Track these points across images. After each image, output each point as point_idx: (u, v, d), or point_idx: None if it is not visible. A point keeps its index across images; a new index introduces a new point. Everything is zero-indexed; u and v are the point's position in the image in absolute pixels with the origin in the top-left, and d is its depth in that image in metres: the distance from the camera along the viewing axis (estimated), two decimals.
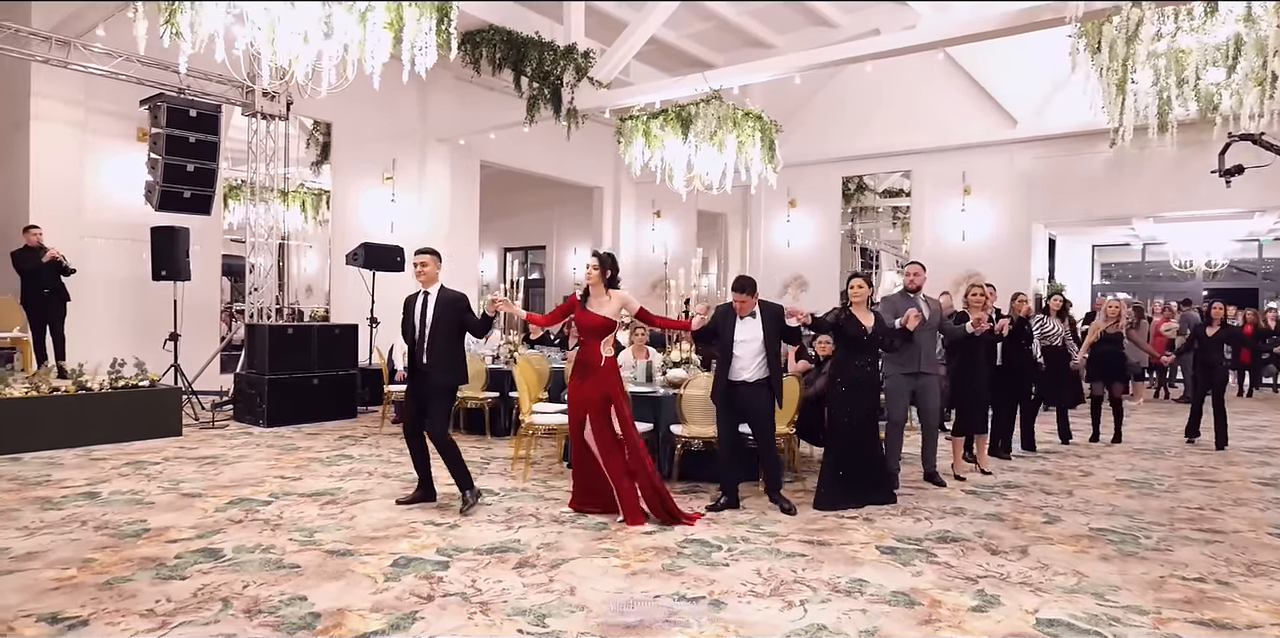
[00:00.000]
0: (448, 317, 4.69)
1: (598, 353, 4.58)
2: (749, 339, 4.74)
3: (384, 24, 5.03)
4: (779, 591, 3.41)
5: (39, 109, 8.30)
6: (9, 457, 5.94)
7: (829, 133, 13.53)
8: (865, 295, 5.06)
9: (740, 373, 4.73)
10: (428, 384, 4.66)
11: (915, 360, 5.41)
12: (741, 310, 4.79)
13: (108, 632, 2.83)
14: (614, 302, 4.61)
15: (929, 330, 5.48)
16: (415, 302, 4.77)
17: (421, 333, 4.68)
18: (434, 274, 4.75)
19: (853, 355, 4.99)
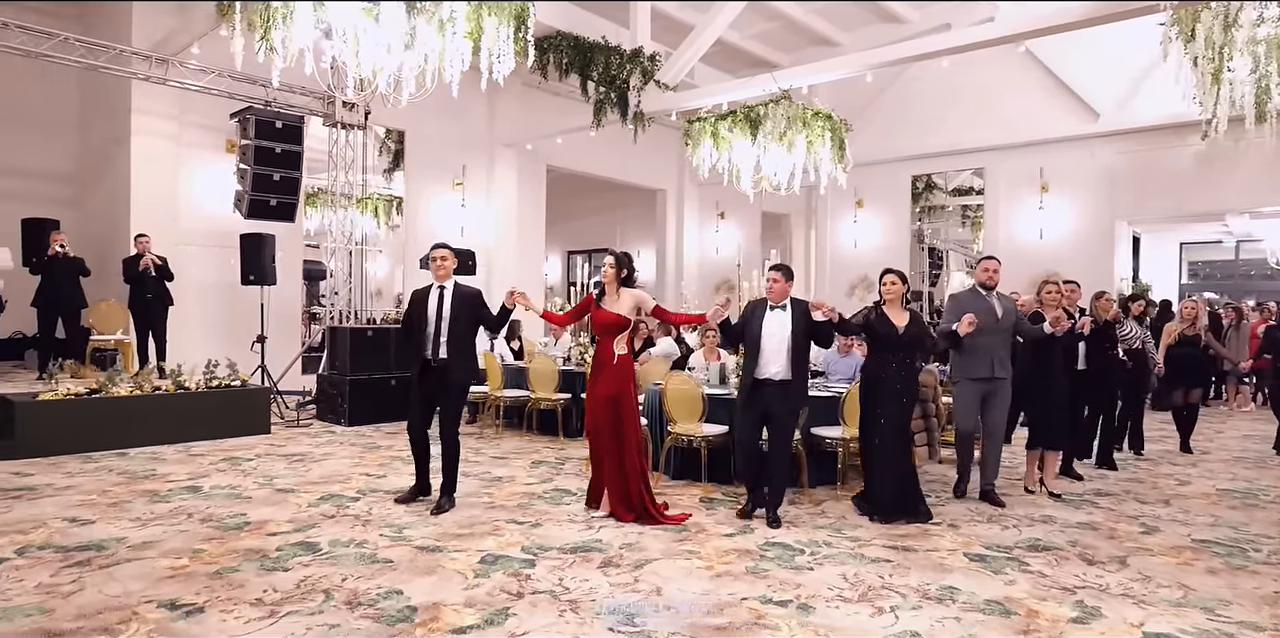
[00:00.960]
0: (465, 312, 4.69)
1: (610, 351, 4.58)
2: (776, 332, 4.50)
3: (464, 33, 5.15)
4: (867, 596, 3.36)
5: (139, 124, 8.80)
6: (116, 452, 6.30)
7: (898, 131, 13.27)
8: (899, 292, 4.69)
9: (766, 369, 4.49)
10: (444, 381, 4.65)
11: (986, 365, 5.01)
12: (774, 296, 4.56)
13: (222, 619, 2.98)
14: (628, 300, 4.60)
15: (1002, 332, 5.11)
16: (429, 296, 4.73)
17: (438, 328, 4.65)
18: (451, 269, 4.77)
19: (884, 357, 4.66)
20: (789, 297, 4.58)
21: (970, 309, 4.90)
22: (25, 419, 6.01)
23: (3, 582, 3.32)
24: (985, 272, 5.19)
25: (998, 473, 5.25)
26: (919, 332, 4.69)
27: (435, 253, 4.78)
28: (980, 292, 5.17)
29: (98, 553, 3.74)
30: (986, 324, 4.94)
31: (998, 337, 5.07)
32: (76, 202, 10.48)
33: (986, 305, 5.06)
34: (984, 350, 5.01)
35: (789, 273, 4.61)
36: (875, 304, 4.77)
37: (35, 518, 4.33)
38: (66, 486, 5.13)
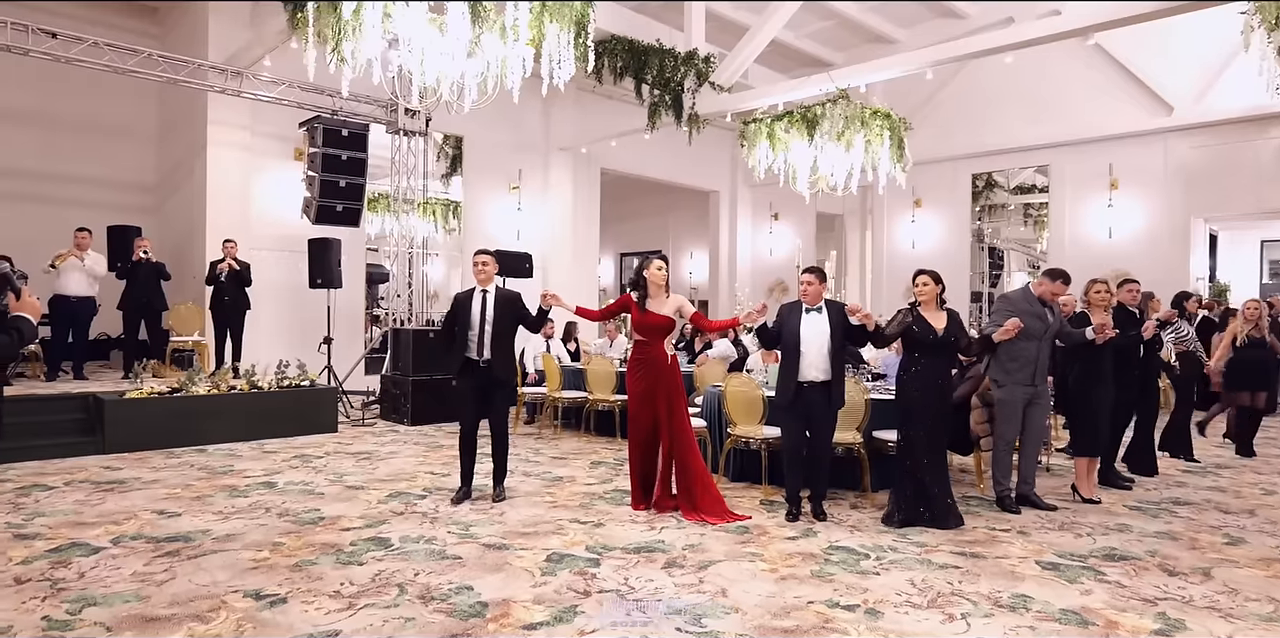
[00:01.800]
0: (507, 314, 4.92)
1: (663, 352, 4.71)
2: (816, 334, 4.54)
3: (526, 41, 5.25)
4: (937, 602, 3.31)
5: (214, 135, 9.19)
6: (195, 448, 6.60)
7: (958, 128, 12.98)
8: (933, 293, 4.60)
9: (809, 371, 4.52)
10: (492, 379, 4.90)
11: (1029, 370, 4.88)
12: (809, 299, 4.60)
13: (304, 610, 3.10)
14: (672, 303, 4.73)
15: (1048, 339, 4.98)
16: (471, 300, 4.94)
17: (483, 330, 4.87)
18: (492, 274, 4.98)
19: (922, 360, 4.56)
20: (824, 299, 4.63)
21: (1021, 312, 4.78)
22: (113, 416, 6.34)
23: (101, 570, 3.52)
24: (1055, 296, 5.00)
25: (1034, 478, 5.10)
26: (958, 333, 4.61)
27: (477, 258, 4.99)
28: (1032, 295, 5.01)
29: (186, 544, 3.93)
30: (1035, 330, 4.82)
31: (1045, 344, 4.96)
32: (156, 209, 11.00)
33: (1038, 312, 4.91)
34: (1029, 357, 4.88)
35: (822, 275, 4.68)
36: (911, 306, 4.70)
37: (127, 510, 4.57)
38: (153, 479, 5.40)
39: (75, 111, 10.12)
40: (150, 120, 11.03)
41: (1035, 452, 5.10)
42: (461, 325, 4.94)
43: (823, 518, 4.59)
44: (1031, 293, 5.03)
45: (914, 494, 4.52)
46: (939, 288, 4.64)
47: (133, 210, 10.48)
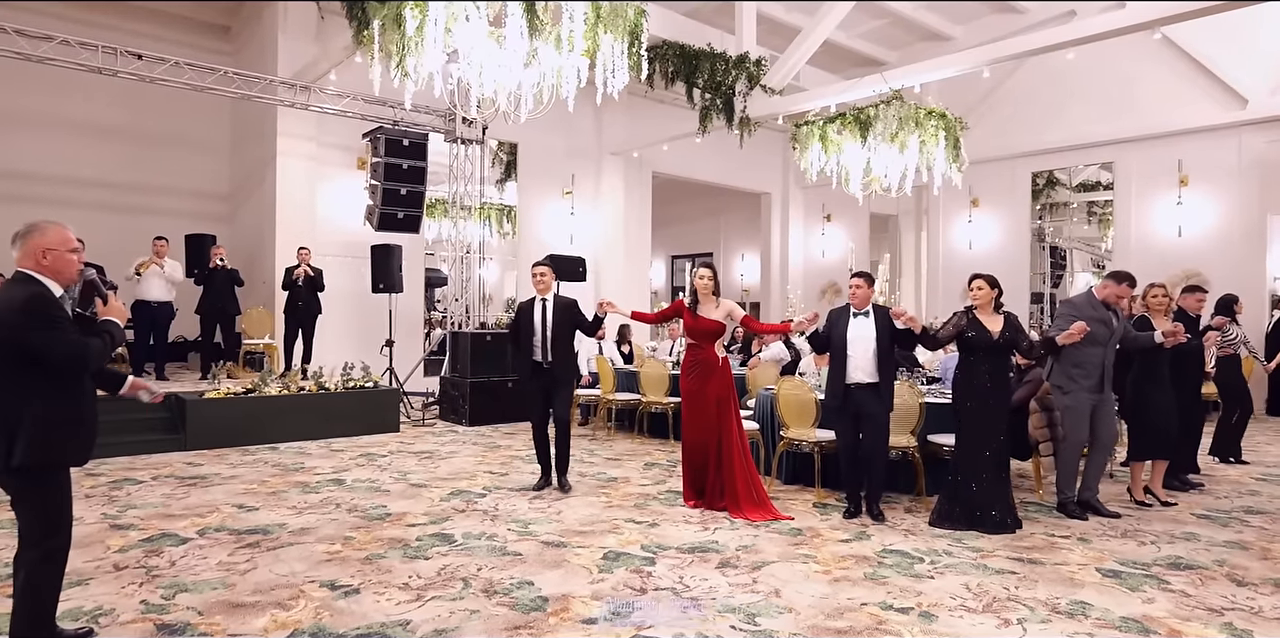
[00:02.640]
0: (565, 320, 5.31)
1: (715, 354, 4.93)
2: (863, 337, 4.66)
3: (581, 52, 5.38)
4: (992, 607, 3.31)
5: (283, 146, 9.60)
6: (268, 446, 6.92)
7: (1016, 126, 12.70)
8: (988, 297, 4.58)
9: (855, 374, 4.65)
10: (554, 379, 5.31)
11: (1096, 376, 4.82)
12: (857, 302, 4.73)
13: (376, 599, 3.27)
14: (723, 308, 4.95)
15: (1113, 344, 4.91)
16: (533, 308, 5.37)
17: (544, 335, 5.29)
18: (550, 284, 5.39)
19: (978, 364, 4.54)
20: (871, 302, 4.74)
21: (1085, 318, 4.70)
22: (194, 415, 6.70)
23: (190, 559, 3.77)
24: (1120, 298, 4.95)
25: (1098, 485, 5.02)
26: (1015, 336, 4.56)
27: (535, 270, 5.40)
28: (1096, 299, 4.94)
29: (264, 536, 4.16)
30: (1100, 336, 4.74)
31: (1109, 349, 4.89)
32: (229, 217, 11.54)
33: (1103, 316, 4.83)
34: (1095, 362, 4.82)
35: (871, 279, 4.79)
36: (967, 309, 4.69)
37: (209, 503, 4.85)
38: (231, 475, 5.71)
39: (155, 127, 10.70)
40: (224, 133, 11.58)
41: (1104, 459, 5.02)
42: (525, 332, 5.36)
43: (880, 519, 4.65)
44: (1095, 297, 4.96)
45: (964, 499, 4.51)
46: (995, 292, 4.62)
47: (208, 219, 11.02)
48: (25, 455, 2.45)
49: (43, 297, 2.51)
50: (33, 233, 2.59)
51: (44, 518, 2.56)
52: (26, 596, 2.53)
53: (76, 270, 2.69)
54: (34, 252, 2.57)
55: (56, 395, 2.53)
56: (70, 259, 2.63)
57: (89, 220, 9.53)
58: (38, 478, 2.52)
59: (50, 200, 10.00)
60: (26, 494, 2.54)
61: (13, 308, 2.45)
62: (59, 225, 2.64)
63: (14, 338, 2.44)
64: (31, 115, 9.92)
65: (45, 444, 2.48)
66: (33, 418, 2.46)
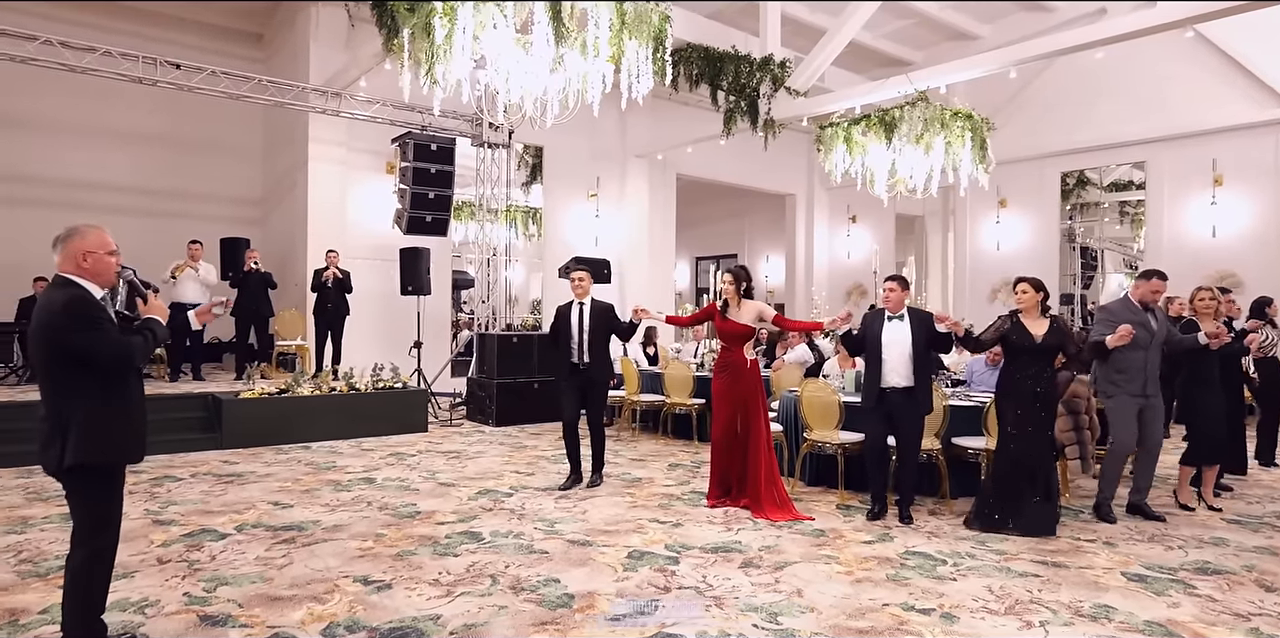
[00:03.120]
0: (601, 324, 5.48)
1: (743, 357, 5.01)
2: (898, 341, 4.69)
3: (607, 58, 5.46)
4: (1014, 610, 3.32)
5: (314, 152, 9.81)
6: (301, 445, 7.09)
7: (1045, 125, 12.56)
8: (1033, 301, 4.56)
9: (890, 377, 4.69)
10: (590, 380, 5.48)
11: (1140, 380, 4.76)
12: (891, 306, 4.76)
13: (408, 594, 3.37)
14: (751, 310, 5.01)
15: (1155, 347, 4.84)
16: (570, 311, 5.55)
17: (580, 338, 5.46)
18: (588, 288, 5.55)
19: (1021, 368, 4.53)
20: (906, 306, 4.76)
21: (1124, 322, 4.67)
22: (230, 414, 6.89)
23: (229, 554, 3.90)
24: (1155, 293, 4.89)
25: (1148, 489, 4.98)
26: (1060, 340, 4.54)
27: (574, 275, 5.57)
28: (1135, 304, 4.90)
29: (299, 533, 4.29)
30: (1141, 339, 4.71)
31: (1153, 352, 4.83)
32: (262, 221, 11.80)
33: (1142, 319, 4.80)
34: (1137, 366, 4.77)
35: (905, 283, 4.80)
36: (1011, 313, 4.69)
37: (246, 500, 5.00)
38: (266, 473, 5.87)
39: (191, 133, 10.99)
40: (256, 139, 11.85)
41: (1153, 463, 4.95)
42: (563, 334, 5.54)
43: (909, 522, 4.67)
44: (1131, 301, 4.93)
45: (1003, 500, 4.51)
46: (1040, 296, 4.62)
47: (241, 222, 11.29)
48: (76, 455, 2.53)
49: (83, 299, 2.57)
50: (73, 237, 2.64)
51: (94, 516, 2.64)
52: (77, 590, 2.63)
53: (115, 272, 2.75)
54: (74, 255, 2.62)
55: (104, 395, 2.60)
56: (109, 261, 2.69)
57: (126, 225, 9.82)
58: (89, 477, 2.60)
59: (90, 206, 10.31)
60: (78, 492, 2.62)
61: (54, 310, 2.52)
62: (98, 229, 2.70)
63: (59, 340, 2.52)
64: (74, 124, 10.24)
65: (95, 444, 2.56)
66: (82, 418, 2.54)
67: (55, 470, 2.58)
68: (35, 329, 2.58)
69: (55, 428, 2.56)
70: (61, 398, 2.57)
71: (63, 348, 2.53)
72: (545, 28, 5.28)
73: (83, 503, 2.64)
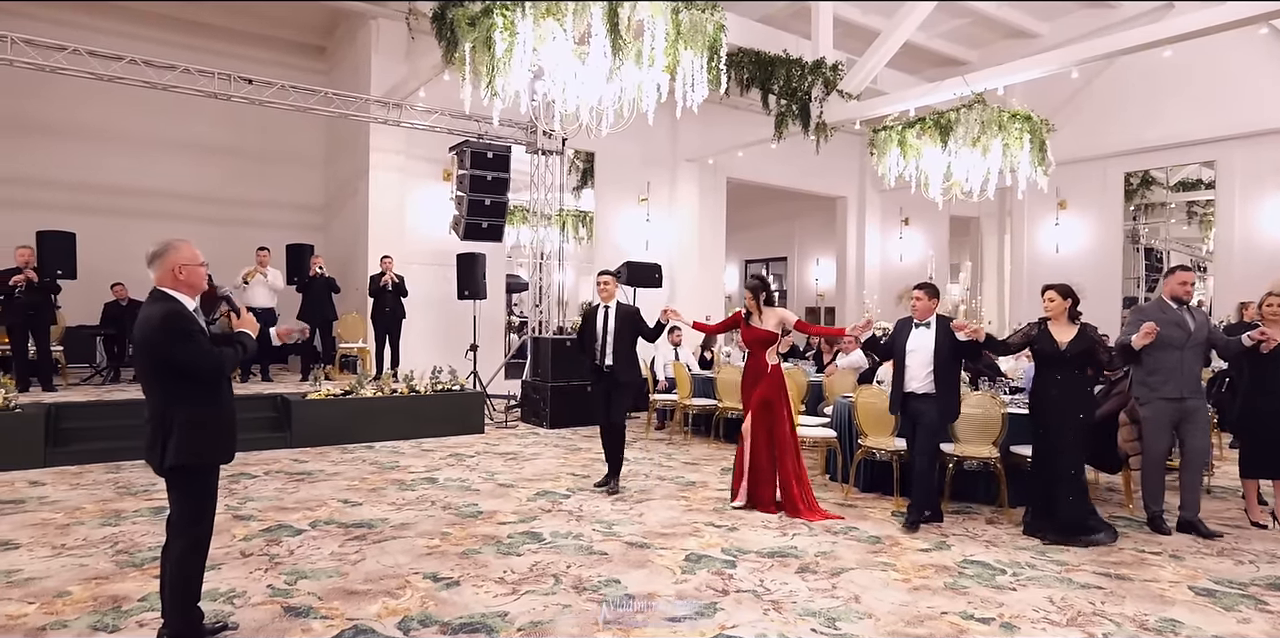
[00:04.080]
0: (627, 327, 5.56)
1: (765, 362, 5.16)
2: (919, 349, 4.78)
3: (662, 68, 5.55)
4: (1077, 621, 3.30)
5: (375, 160, 10.14)
6: (364, 445, 7.35)
7: (1107, 124, 12.23)
8: (1060, 308, 4.57)
9: (911, 383, 4.81)
10: (615, 382, 5.54)
11: (1174, 383, 4.60)
12: (919, 314, 4.84)
13: (475, 592, 3.51)
14: (773, 317, 5.20)
15: (1194, 348, 4.66)
16: (596, 315, 5.66)
17: (604, 341, 5.55)
18: (614, 292, 5.65)
19: (1047, 374, 4.57)
20: (934, 314, 4.83)
21: (1154, 320, 4.58)
22: (298, 415, 7.18)
23: (306, 549, 4.11)
24: (1183, 285, 4.72)
25: (1199, 504, 4.74)
26: (1085, 348, 4.50)
27: (600, 279, 5.72)
28: (1168, 303, 4.75)
29: (369, 530, 4.48)
30: (1174, 339, 4.59)
31: (1190, 353, 4.64)
32: (323, 227, 12.23)
33: (1175, 318, 4.65)
34: (1171, 367, 4.63)
35: (934, 291, 4.88)
36: (1041, 320, 4.71)
37: (317, 498, 5.23)
38: (334, 472, 6.11)
39: (256, 144, 11.46)
40: (318, 148, 12.29)
41: (1197, 476, 4.78)
42: (589, 337, 5.66)
43: (914, 528, 4.69)
44: (1165, 300, 4.79)
45: (1045, 508, 4.52)
46: (1068, 303, 4.59)
47: (303, 229, 11.71)
48: (176, 456, 2.75)
49: (178, 313, 2.77)
50: (168, 252, 2.83)
51: (192, 509, 2.86)
52: (176, 578, 2.84)
53: (206, 282, 2.97)
54: (170, 268, 2.81)
55: (200, 400, 2.81)
56: (201, 272, 2.91)
57: (197, 232, 10.26)
58: (188, 475, 2.82)
59: (164, 214, 10.85)
60: (179, 489, 2.84)
61: (153, 325, 2.73)
62: (186, 242, 2.89)
63: (158, 354, 2.74)
64: (147, 136, 10.79)
65: (192, 446, 2.78)
66: (182, 421, 2.76)
67: (158, 469, 2.80)
68: (137, 342, 2.80)
69: (157, 431, 2.79)
70: (163, 404, 2.78)
71: (162, 360, 2.74)
72: (603, 40, 5.39)
73: (182, 498, 2.85)
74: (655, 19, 5.35)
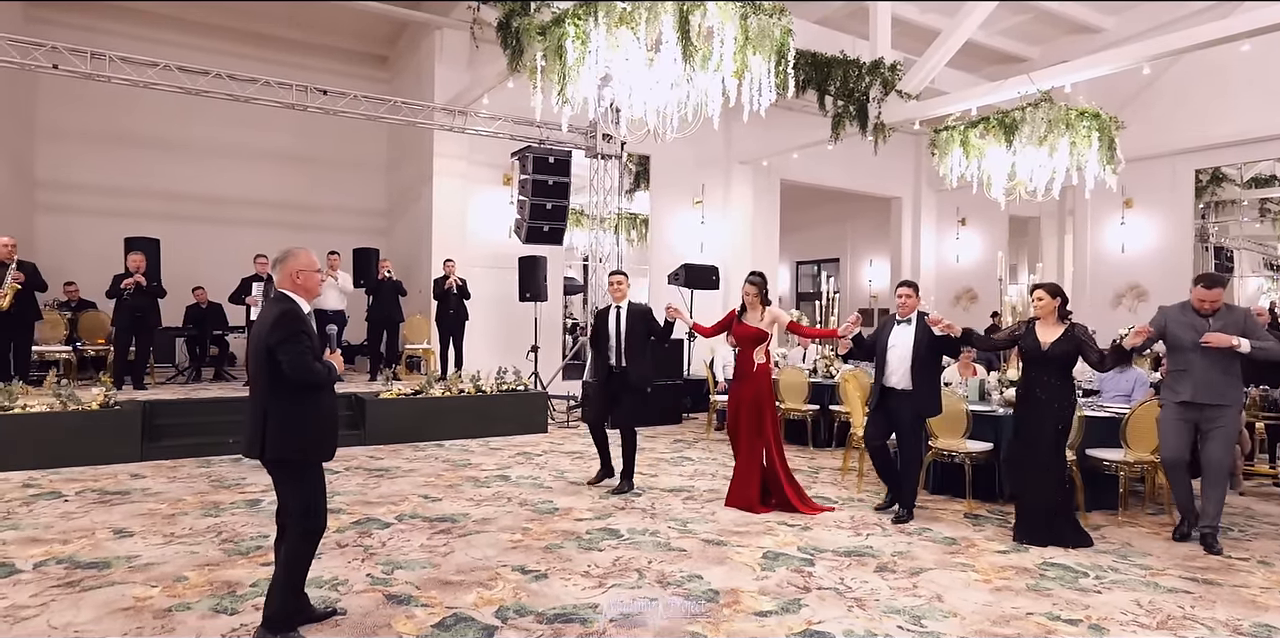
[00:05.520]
0: (638, 326, 5.57)
1: (751, 360, 5.24)
2: (900, 345, 4.89)
3: (731, 73, 5.63)
4: (1167, 625, 3.28)
5: (439, 166, 10.43)
6: (434, 443, 7.57)
7: (1177, 120, 11.89)
8: (1049, 308, 4.54)
9: (890, 378, 4.93)
10: (625, 383, 5.55)
11: (1188, 387, 4.41)
12: (903, 310, 4.95)
13: (564, 584, 3.63)
14: (766, 316, 5.26)
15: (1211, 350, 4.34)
16: (609, 314, 5.66)
17: (618, 340, 5.56)
18: (626, 292, 5.65)
19: (1031, 374, 4.58)
20: (915, 311, 4.93)
21: (1170, 320, 4.50)
22: (372, 413, 7.44)
23: (396, 541, 4.29)
24: (1200, 302, 4.43)
25: (1219, 516, 4.48)
26: (1069, 348, 4.46)
27: (613, 279, 5.75)
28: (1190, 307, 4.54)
29: (453, 524, 4.65)
30: (1185, 340, 4.44)
31: (1204, 356, 4.37)
32: (387, 231, 12.60)
33: (1191, 320, 4.47)
34: (1183, 367, 4.48)
35: (917, 289, 5.04)
36: (1030, 319, 4.70)
37: (398, 493, 5.44)
38: (410, 469, 6.33)
39: (323, 151, 11.88)
40: (381, 154, 12.67)
41: (1218, 489, 4.47)
42: (602, 337, 5.69)
43: (904, 520, 4.83)
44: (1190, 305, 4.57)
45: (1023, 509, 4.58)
46: (1057, 302, 4.59)
47: (368, 232, 12.09)
48: (275, 450, 2.89)
49: (293, 313, 2.94)
50: (288, 258, 3.03)
51: (299, 502, 2.97)
52: (286, 566, 2.96)
53: (320, 286, 3.16)
54: (290, 273, 3.00)
55: (301, 398, 2.93)
56: (316, 278, 3.08)
57: (268, 236, 10.68)
58: (287, 468, 2.95)
59: (238, 221, 11.34)
60: (284, 482, 2.99)
61: (267, 323, 2.92)
62: (305, 250, 3.06)
63: (264, 347, 2.89)
64: (220, 146, 11.28)
65: (287, 441, 2.90)
66: (280, 417, 2.89)
67: (259, 458, 2.95)
68: (252, 337, 3.01)
69: (257, 423, 2.92)
70: (266, 397, 2.93)
71: (267, 352, 2.89)
72: (673, 47, 5.48)
73: (288, 491, 2.99)
74: (725, 25, 5.43)
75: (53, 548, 4.04)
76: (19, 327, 7.31)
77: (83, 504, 4.96)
